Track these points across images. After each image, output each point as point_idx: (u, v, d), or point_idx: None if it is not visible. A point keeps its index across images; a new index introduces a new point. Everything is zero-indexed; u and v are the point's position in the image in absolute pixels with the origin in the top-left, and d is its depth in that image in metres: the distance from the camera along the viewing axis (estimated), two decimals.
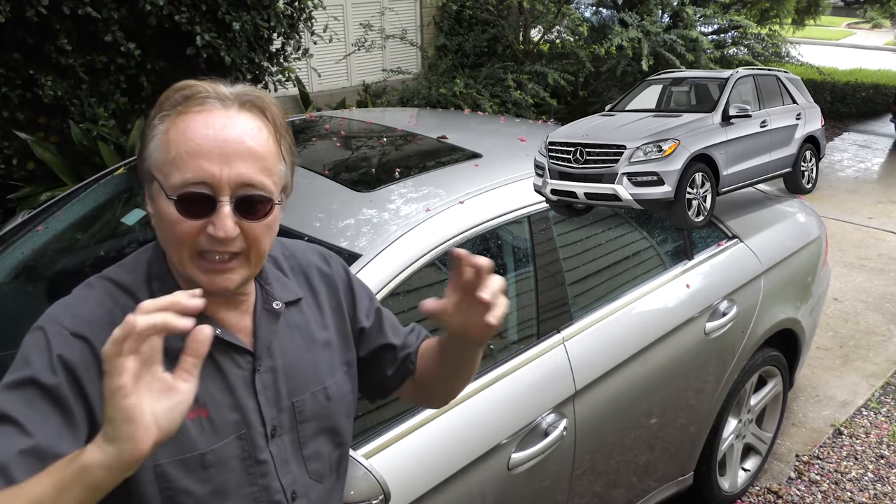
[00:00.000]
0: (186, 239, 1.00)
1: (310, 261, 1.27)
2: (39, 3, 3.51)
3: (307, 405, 1.17)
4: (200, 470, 1.05)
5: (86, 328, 1.01)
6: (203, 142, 0.99)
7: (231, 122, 1.01)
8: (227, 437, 1.08)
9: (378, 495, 1.59)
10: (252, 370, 1.12)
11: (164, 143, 1.01)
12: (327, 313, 1.25)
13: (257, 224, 1.02)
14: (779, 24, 8.18)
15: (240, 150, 1.00)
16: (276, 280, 1.19)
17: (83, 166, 4.07)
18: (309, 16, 4.86)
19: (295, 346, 1.18)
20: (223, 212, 0.99)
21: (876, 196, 7.33)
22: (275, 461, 1.13)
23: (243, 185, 1.00)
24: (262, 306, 1.15)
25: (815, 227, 3.29)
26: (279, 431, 1.14)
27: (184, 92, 1.02)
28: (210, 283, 1.02)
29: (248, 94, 1.05)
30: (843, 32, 22.39)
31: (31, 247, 2.39)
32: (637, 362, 2.33)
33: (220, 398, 1.08)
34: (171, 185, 0.99)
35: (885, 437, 3.60)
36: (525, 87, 6.12)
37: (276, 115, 1.07)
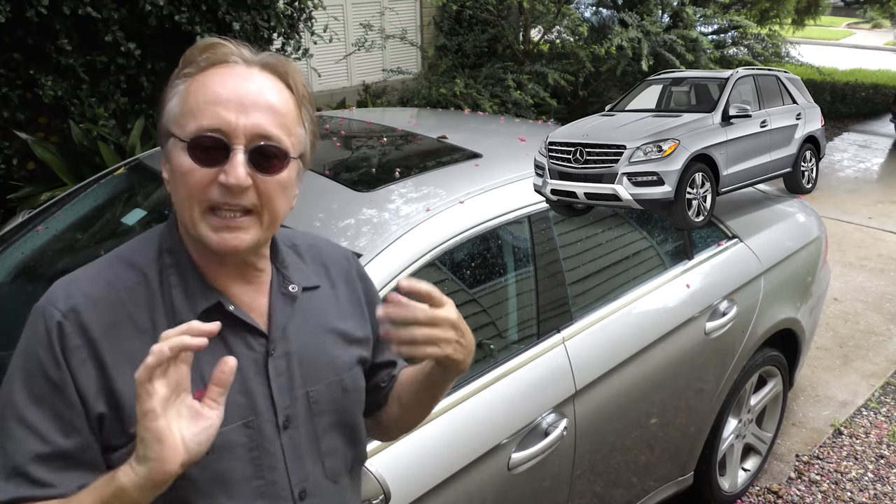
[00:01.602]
0: (198, 190, 0.97)
1: (332, 254, 1.25)
2: (39, 3, 3.51)
3: (323, 395, 1.13)
4: (202, 456, 1.00)
5: (80, 307, 1.00)
6: (222, 91, 0.98)
7: (252, 77, 1.00)
8: (231, 423, 1.03)
9: (378, 495, 1.59)
10: (265, 353, 1.07)
11: (183, 97, 1.00)
12: (345, 306, 1.21)
13: (270, 179, 0.99)
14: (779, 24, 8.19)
15: (258, 102, 0.98)
16: (294, 265, 1.16)
17: (83, 166, 4.07)
18: (309, 16, 4.86)
19: (311, 334, 1.14)
20: (236, 159, 0.96)
21: (876, 196, 7.34)
22: (285, 454, 1.08)
23: (259, 135, 0.98)
24: (277, 288, 1.11)
25: (815, 227, 3.29)
26: (293, 423, 1.09)
27: (208, 52, 1.01)
28: (220, 241, 0.99)
29: (271, 57, 1.04)
30: (843, 32, 22.40)
31: (31, 247, 2.39)
32: (637, 362, 2.33)
33: None
34: (186, 132, 0.98)
35: (885, 437, 3.60)
36: (525, 87, 6.12)
37: (298, 83, 1.05)
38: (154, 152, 2.67)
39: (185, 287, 1.04)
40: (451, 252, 1.99)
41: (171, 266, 1.06)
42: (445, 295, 1.08)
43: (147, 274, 1.05)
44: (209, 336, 0.87)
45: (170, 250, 1.07)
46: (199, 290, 1.04)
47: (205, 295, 1.04)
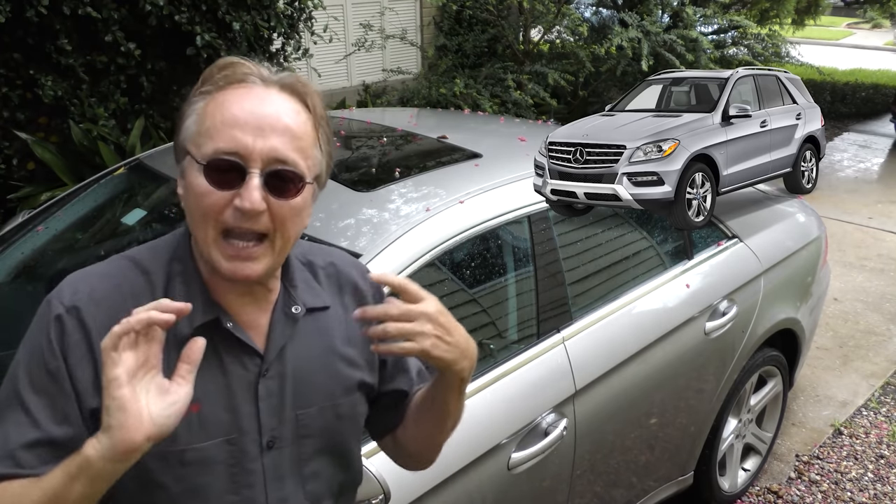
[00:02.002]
0: (212, 212, 0.97)
1: (348, 274, 1.21)
2: (39, 3, 3.51)
3: (313, 419, 1.11)
4: (178, 466, 1.02)
5: (83, 303, 1.01)
6: (239, 113, 0.97)
7: (270, 98, 1.00)
8: (214, 439, 1.03)
9: (378, 495, 1.59)
10: (258, 374, 1.07)
11: (200, 116, 1.00)
12: (353, 331, 1.18)
13: (285, 203, 0.99)
14: (779, 24, 8.19)
15: (275, 126, 0.98)
16: (305, 283, 1.14)
17: (83, 166, 4.07)
18: (309, 16, 4.86)
19: (310, 356, 1.12)
20: (252, 183, 0.96)
21: (876, 196, 7.34)
22: (266, 474, 1.08)
23: (275, 159, 0.97)
24: (281, 308, 1.10)
25: (815, 227, 3.29)
26: (278, 444, 1.09)
27: (226, 71, 1.01)
28: (232, 270, 0.99)
29: (290, 77, 1.03)
30: (843, 32, 22.40)
31: (31, 247, 2.39)
32: (637, 362, 2.33)
33: (215, 397, 1.04)
34: (202, 153, 0.97)
35: (885, 437, 3.60)
36: (525, 87, 6.12)
37: (317, 104, 1.05)
38: (154, 152, 2.67)
39: (187, 298, 1.03)
40: (451, 252, 1.99)
41: (178, 275, 1.06)
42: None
43: (154, 280, 1.06)
44: (178, 314, 0.88)
45: (180, 259, 1.07)
46: (201, 303, 1.04)
47: (204, 310, 1.04)
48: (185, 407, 0.91)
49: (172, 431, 0.99)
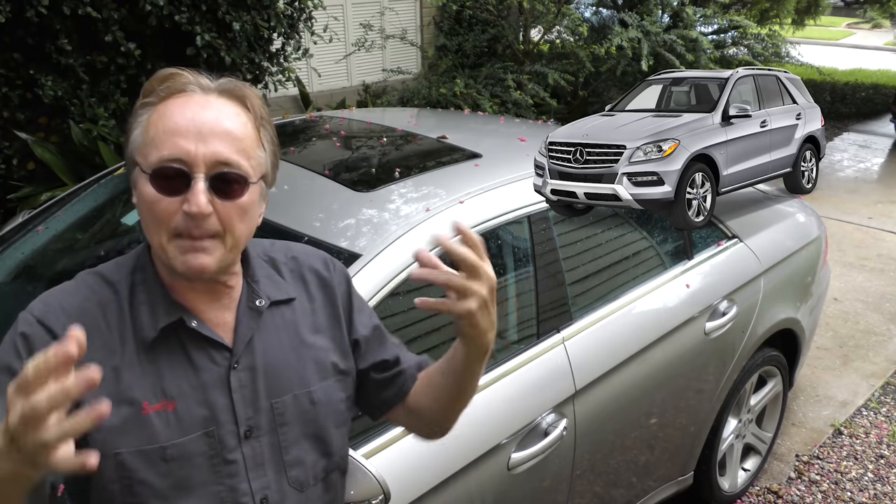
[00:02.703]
0: (163, 217, 1.01)
1: (311, 265, 1.26)
2: (39, 3, 3.51)
3: (288, 407, 1.15)
4: (161, 463, 1.05)
5: (51, 317, 1.04)
6: (181, 121, 1.01)
7: (209, 105, 1.04)
8: (192, 433, 1.07)
9: (378, 495, 1.59)
10: (228, 366, 1.10)
11: (145, 127, 1.04)
12: (321, 319, 1.23)
13: (231, 204, 1.03)
14: (779, 24, 8.18)
15: (216, 130, 1.02)
16: (268, 278, 1.18)
17: (83, 166, 4.07)
18: (309, 16, 4.86)
19: (280, 346, 1.16)
20: (197, 188, 1.00)
21: (876, 196, 7.34)
22: (246, 462, 1.11)
23: (218, 163, 1.01)
24: (245, 303, 1.14)
25: (815, 227, 3.30)
26: (256, 433, 1.12)
27: (167, 82, 1.05)
28: (186, 264, 1.02)
29: (229, 83, 1.07)
30: (843, 32, 22.39)
31: (31, 247, 2.39)
32: (637, 362, 2.33)
33: (189, 393, 1.07)
34: (148, 163, 1.01)
35: (885, 437, 3.60)
36: (525, 87, 6.12)
37: (256, 105, 1.08)
38: None
39: (150, 303, 1.08)
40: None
41: (140, 283, 1.10)
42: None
43: (119, 290, 1.10)
44: (70, 357, 0.80)
45: (141, 268, 1.11)
46: (163, 306, 1.08)
47: (167, 311, 1.08)
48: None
49: (153, 431, 1.03)
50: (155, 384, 1.05)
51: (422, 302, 1.05)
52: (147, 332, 1.06)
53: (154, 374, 1.06)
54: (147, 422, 1.04)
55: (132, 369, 1.05)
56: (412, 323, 1.90)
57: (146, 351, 1.06)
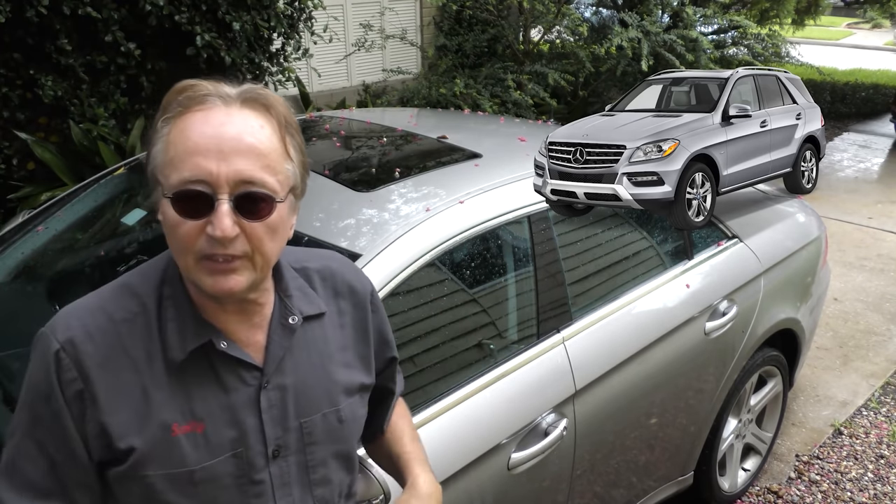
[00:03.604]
0: (188, 242, 0.97)
1: (344, 276, 1.22)
2: (39, 3, 3.51)
3: (317, 427, 1.12)
4: (189, 486, 1.03)
5: (77, 339, 1.01)
6: (200, 140, 0.95)
7: (231, 119, 0.97)
8: (221, 455, 1.05)
9: (378, 495, 1.59)
10: (258, 386, 1.07)
11: (165, 145, 0.98)
12: (349, 334, 1.20)
13: (259, 224, 0.98)
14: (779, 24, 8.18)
15: (239, 147, 0.96)
16: (300, 291, 1.15)
17: (83, 166, 4.07)
18: (309, 16, 4.86)
19: (310, 364, 1.13)
20: (221, 210, 0.95)
21: (876, 196, 7.34)
22: (273, 483, 1.09)
23: (243, 182, 0.96)
24: (278, 320, 1.10)
25: (815, 227, 3.29)
26: (283, 452, 1.10)
27: (186, 93, 0.99)
28: (215, 285, 0.98)
29: (251, 91, 1.01)
30: (843, 32, 22.39)
31: (31, 247, 2.39)
32: (637, 362, 2.33)
33: (219, 414, 1.04)
34: (169, 185, 0.97)
35: (885, 437, 3.60)
36: (525, 87, 6.12)
37: (281, 113, 1.02)
38: None
39: (179, 321, 1.04)
40: (451, 252, 1.98)
41: (169, 298, 1.06)
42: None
43: (146, 304, 1.06)
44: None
45: (169, 282, 1.07)
46: (192, 326, 1.04)
47: (197, 332, 1.04)
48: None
49: (182, 454, 1.02)
50: (184, 405, 1.03)
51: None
52: (176, 353, 1.03)
53: (183, 395, 1.03)
54: (176, 444, 1.02)
55: (160, 389, 1.02)
56: (412, 323, 1.90)
57: (175, 371, 1.03)
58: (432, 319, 1.94)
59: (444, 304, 1.96)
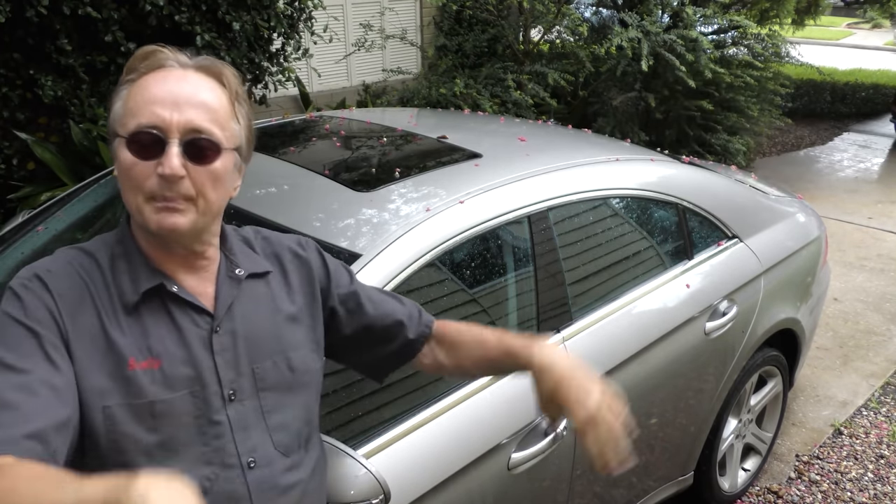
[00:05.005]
0: (139, 180, 1.06)
1: (283, 244, 1.33)
2: (39, 3, 3.51)
3: (268, 373, 1.20)
4: (149, 418, 1.08)
5: (42, 274, 1.10)
6: (158, 92, 1.07)
7: (186, 79, 1.10)
8: (179, 391, 1.11)
9: (378, 495, 1.59)
10: (210, 330, 1.15)
11: (125, 100, 1.10)
12: (296, 291, 1.29)
13: (203, 169, 1.08)
14: (779, 24, 8.15)
15: (191, 101, 1.08)
16: (243, 253, 1.25)
17: (83, 166, 4.07)
18: (309, 16, 4.86)
19: (258, 316, 1.21)
20: (171, 152, 1.05)
21: (876, 196, 7.34)
22: (232, 425, 1.15)
23: (192, 130, 1.07)
24: (224, 273, 1.20)
25: (815, 227, 3.29)
26: (239, 396, 1.16)
27: (148, 60, 1.11)
28: (160, 222, 1.07)
29: (205, 60, 1.14)
30: (843, 32, 22.38)
31: (31, 247, 2.39)
32: (637, 362, 2.33)
33: (174, 352, 1.11)
34: (127, 130, 1.07)
35: (885, 437, 3.60)
36: (525, 88, 6.11)
37: (232, 82, 1.14)
38: None
39: (131, 271, 1.13)
40: (451, 252, 1.98)
41: (120, 255, 1.15)
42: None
43: (99, 260, 1.15)
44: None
45: (121, 241, 1.17)
46: (145, 273, 1.13)
47: (148, 277, 1.13)
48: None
49: (140, 387, 1.07)
50: (140, 342, 1.10)
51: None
52: (129, 296, 1.11)
53: (139, 334, 1.10)
54: (134, 378, 1.08)
55: (118, 328, 1.10)
56: None
57: (130, 313, 1.11)
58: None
59: (444, 304, 1.96)
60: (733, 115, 7.02)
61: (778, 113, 7.49)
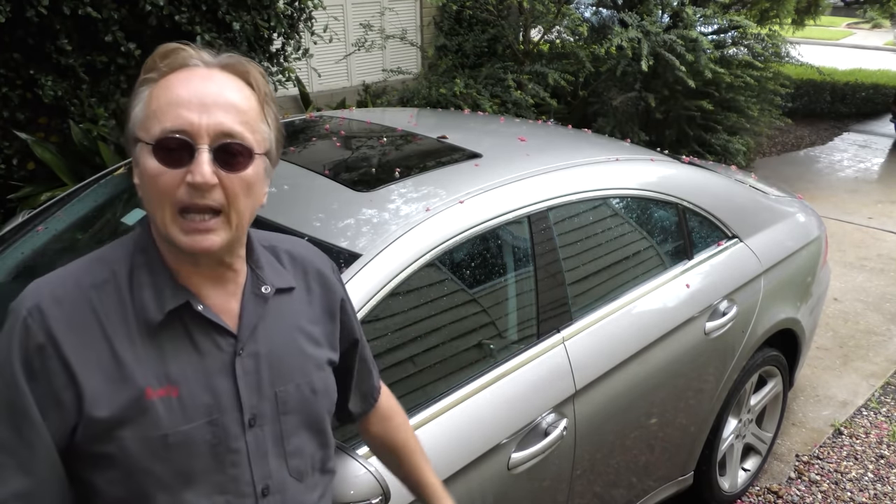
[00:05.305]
0: (167, 191, 0.98)
1: (312, 260, 1.27)
2: (39, 3, 3.51)
3: (291, 396, 1.14)
4: (162, 450, 1.03)
5: (44, 304, 1.02)
6: (184, 93, 0.99)
7: (212, 78, 1.02)
8: (196, 421, 1.05)
9: (378, 495, 1.59)
10: (233, 353, 1.09)
11: (146, 102, 1.02)
12: (318, 312, 1.23)
13: (236, 176, 1.00)
14: (779, 24, 8.15)
15: (219, 102, 1.00)
16: (270, 266, 1.18)
17: (83, 166, 4.07)
18: (309, 16, 4.86)
19: (282, 335, 1.16)
20: (201, 158, 0.97)
21: (876, 196, 7.33)
22: (249, 451, 1.10)
23: (222, 133, 0.99)
24: (250, 290, 1.13)
25: (815, 227, 3.29)
26: (259, 421, 1.11)
27: (168, 59, 1.03)
28: (191, 243, 1.00)
29: (231, 58, 1.06)
30: (843, 32, 22.38)
31: (31, 247, 2.39)
32: (637, 362, 2.33)
33: (193, 378, 1.05)
34: (151, 135, 0.99)
35: (885, 437, 3.60)
36: (525, 87, 6.11)
37: (259, 82, 1.07)
38: None
39: (154, 286, 1.06)
40: (451, 252, 1.98)
41: (142, 265, 1.07)
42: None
43: (117, 272, 1.07)
44: None
45: (143, 249, 1.08)
46: (169, 289, 1.06)
47: (174, 294, 1.05)
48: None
49: (156, 417, 1.02)
50: (158, 368, 1.04)
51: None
52: (152, 314, 1.04)
53: (157, 358, 1.04)
54: (151, 408, 1.02)
55: (134, 354, 1.03)
56: (412, 323, 1.90)
57: (149, 334, 1.04)
58: (432, 319, 1.94)
59: (444, 304, 1.96)
60: (733, 115, 7.02)
61: (778, 113, 7.48)
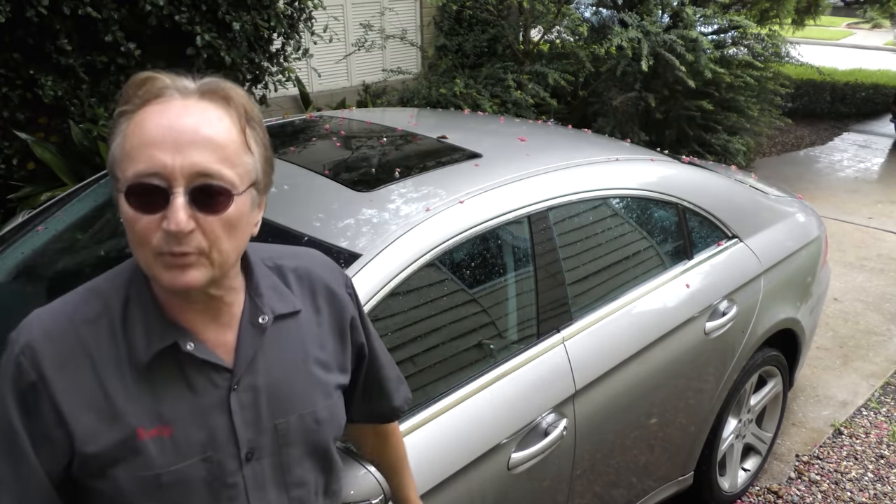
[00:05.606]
0: (144, 237, 0.94)
1: (321, 276, 1.20)
2: (39, 3, 3.51)
3: (293, 428, 1.10)
4: (156, 490, 1.00)
5: (35, 341, 1.00)
6: (156, 131, 0.92)
7: (188, 111, 0.95)
8: (190, 459, 1.02)
9: (378, 495, 1.59)
10: (228, 388, 1.05)
11: (122, 139, 0.96)
12: (327, 333, 1.18)
13: (215, 219, 0.94)
14: (779, 24, 8.15)
15: (195, 139, 0.93)
16: (273, 290, 1.12)
17: (83, 166, 4.07)
18: (309, 16, 4.86)
19: (283, 364, 1.11)
20: (176, 203, 0.91)
21: (876, 196, 7.33)
22: (247, 485, 1.06)
23: (198, 174, 0.92)
24: (248, 319, 1.07)
25: (815, 226, 3.29)
26: (257, 455, 1.07)
27: (145, 87, 0.97)
28: (172, 280, 0.95)
29: (211, 83, 0.99)
30: (843, 32, 22.38)
31: (31, 247, 2.39)
32: (637, 362, 2.33)
33: (188, 417, 1.02)
34: (125, 178, 0.94)
35: (885, 437, 3.60)
36: (525, 87, 6.11)
37: (242, 105, 0.99)
38: None
39: (144, 323, 1.02)
40: (451, 252, 1.98)
41: (135, 299, 1.04)
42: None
43: (111, 306, 1.03)
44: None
45: (136, 282, 1.04)
46: (158, 327, 1.02)
47: (162, 334, 1.01)
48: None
49: (148, 457, 0.99)
50: (151, 408, 1.01)
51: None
52: (141, 355, 1.01)
53: (150, 398, 1.01)
54: (142, 448, 1.00)
55: (126, 392, 1.00)
56: (412, 323, 1.90)
57: (141, 373, 1.01)
58: (432, 319, 1.93)
59: (443, 304, 1.96)
60: (733, 115, 7.02)
61: (778, 113, 7.48)
